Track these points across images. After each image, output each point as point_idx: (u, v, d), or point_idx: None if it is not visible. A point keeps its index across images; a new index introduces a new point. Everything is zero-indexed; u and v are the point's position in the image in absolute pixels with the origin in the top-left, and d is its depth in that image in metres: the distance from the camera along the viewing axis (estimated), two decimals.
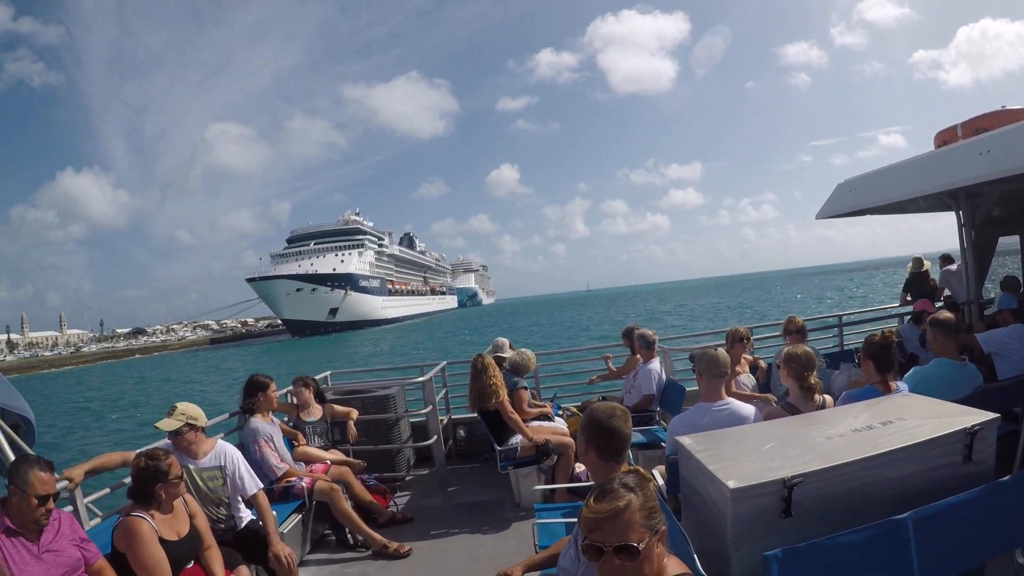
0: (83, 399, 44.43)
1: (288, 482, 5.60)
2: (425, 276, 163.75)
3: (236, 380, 47.13)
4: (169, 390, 44.15)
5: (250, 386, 5.89)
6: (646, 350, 6.98)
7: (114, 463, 4.23)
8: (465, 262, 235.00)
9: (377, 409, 7.37)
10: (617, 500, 2.02)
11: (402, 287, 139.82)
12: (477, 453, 8.20)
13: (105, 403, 39.77)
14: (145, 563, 3.48)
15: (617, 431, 2.88)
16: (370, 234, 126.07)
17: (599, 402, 3.15)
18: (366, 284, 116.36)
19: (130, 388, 49.62)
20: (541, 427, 6.39)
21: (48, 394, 51.85)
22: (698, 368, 4.25)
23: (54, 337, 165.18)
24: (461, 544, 5.66)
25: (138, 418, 29.41)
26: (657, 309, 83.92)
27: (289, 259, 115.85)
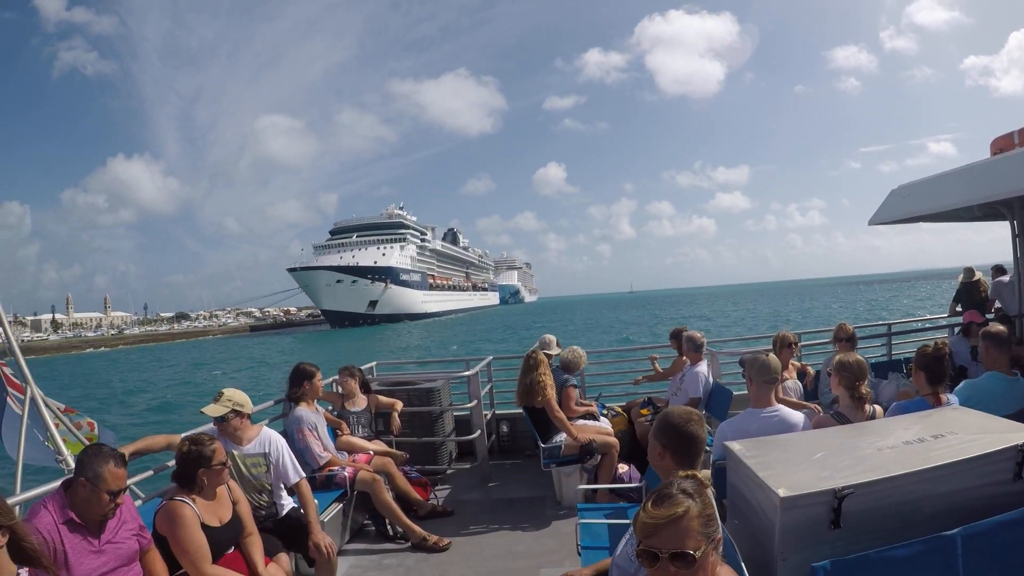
0: (110, 381, 45.64)
1: (330, 471, 5.67)
2: (467, 272, 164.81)
3: (263, 366, 48.39)
4: (197, 375, 45.42)
5: (296, 374, 5.95)
6: (694, 352, 6.95)
7: (159, 446, 4.31)
8: (508, 259, 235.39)
9: (422, 401, 7.43)
10: (676, 506, 1.99)
11: (443, 282, 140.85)
12: (520, 449, 8.24)
13: (127, 385, 40.78)
14: (186, 548, 3.53)
15: (695, 436, 2.88)
16: (412, 228, 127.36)
17: (675, 407, 3.14)
18: (406, 278, 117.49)
19: (153, 373, 50.90)
20: (586, 426, 6.40)
21: (82, 374, 53.45)
22: (748, 373, 4.21)
23: (98, 318, 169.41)
24: (501, 540, 5.67)
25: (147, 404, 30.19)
26: (701, 312, 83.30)
27: (331, 250, 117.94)
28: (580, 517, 4.45)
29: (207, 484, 3.73)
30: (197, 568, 3.54)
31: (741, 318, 62.58)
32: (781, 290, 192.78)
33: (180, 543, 3.54)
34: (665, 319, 68.42)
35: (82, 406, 5.89)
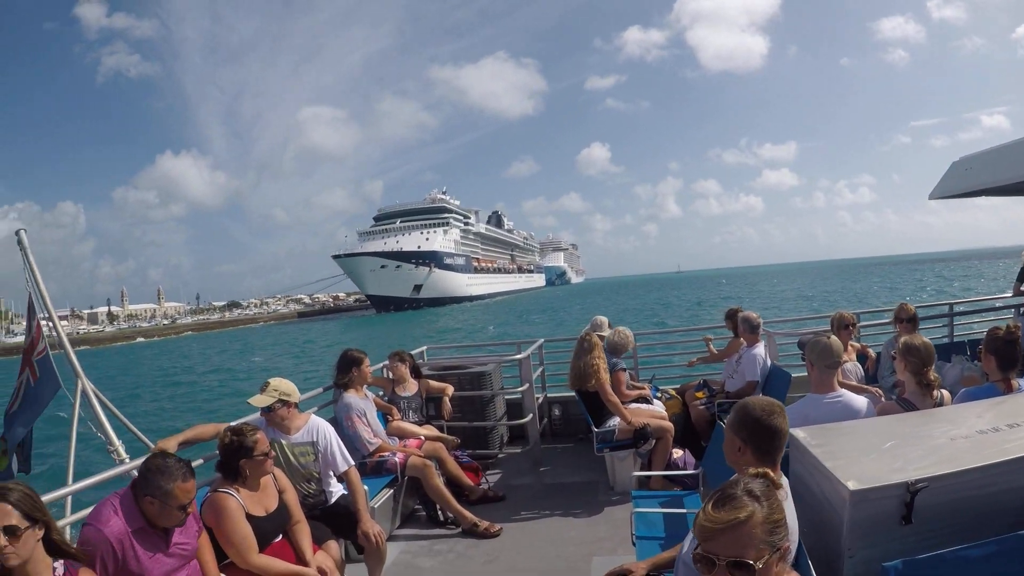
0: (160, 368, 47.05)
1: (381, 457, 5.71)
2: (512, 254, 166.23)
3: (305, 352, 49.30)
4: (237, 362, 46.48)
5: (344, 361, 5.99)
6: (750, 333, 6.81)
7: (208, 435, 4.36)
8: (555, 240, 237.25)
9: (473, 386, 7.42)
10: (738, 510, 1.82)
11: (488, 264, 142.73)
12: (571, 433, 8.20)
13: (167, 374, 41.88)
14: (232, 539, 3.58)
15: (778, 430, 2.71)
16: (456, 212, 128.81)
17: (751, 398, 2.96)
18: (450, 261, 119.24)
19: (195, 361, 52.28)
20: (640, 410, 6.34)
21: (126, 363, 55.11)
22: (809, 357, 4.07)
23: (152, 309, 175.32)
24: (552, 526, 5.66)
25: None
26: (750, 291, 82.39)
27: (375, 237, 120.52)
28: (635, 505, 4.38)
29: (249, 474, 3.75)
30: (243, 558, 3.59)
31: (791, 298, 61.53)
32: (831, 269, 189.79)
33: (225, 534, 3.59)
34: (715, 299, 67.64)
35: (120, 394, 5.96)
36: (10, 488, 2.53)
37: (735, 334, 7.34)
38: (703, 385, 7.30)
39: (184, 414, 23.39)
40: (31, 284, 5.29)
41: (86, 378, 5.15)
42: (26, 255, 5.28)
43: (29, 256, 5.28)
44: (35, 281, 5.28)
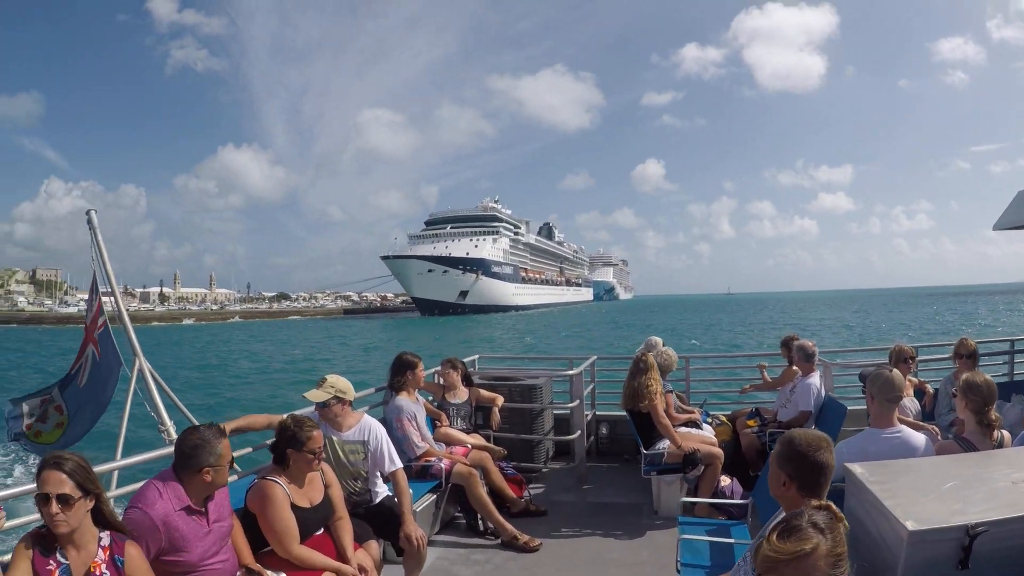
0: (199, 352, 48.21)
1: (427, 462, 5.75)
2: (561, 267, 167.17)
3: (343, 348, 50.12)
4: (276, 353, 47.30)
5: (398, 364, 6.06)
6: (805, 362, 6.70)
7: (259, 424, 4.41)
8: (604, 255, 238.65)
9: (523, 398, 7.42)
10: (803, 542, 1.86)
11: (536, 276, 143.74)
12: (618, 452, 8.14)
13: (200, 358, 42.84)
14: (275, 526, 3.64)
15: (824, 465, 2.65)
16: (506, 222, 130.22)
17: (796, 430, 2.89)
18: (498, 270, 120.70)
19: (236, 346, 53.98)
20: (690, 434, 6.30)
21: (174, 342, 57.15)
22: (870, 389, 4.01)
23: (203, 294, 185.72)
24: (593, 546, 5.62)
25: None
26: (795, 317, 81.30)
27: (425, 241, 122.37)
28: (681, 532, 4.33)
29: (293, 465, 3.80)
30: (284, 547, 3.64)
31: (831, 326, 60.19)
32: (886, 297, 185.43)
33: (269, 521, 3.65)
34: (764, 324, 66.59)
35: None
36: (66, 458, 2.66)
37: (790, 363, 7.25)
38: (755, 413, 7.22)
39: (212, 398, 24.11)
40: (97, 262, 5.46)
41: (143, 357, 5.31)
42: (95, 234, 5.45)
43: (98, 235, 5.46)
44: (102, 259, 5.46)
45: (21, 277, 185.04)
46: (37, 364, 40.36)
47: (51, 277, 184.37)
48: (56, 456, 2.68)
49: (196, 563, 3.20)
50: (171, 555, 3.12)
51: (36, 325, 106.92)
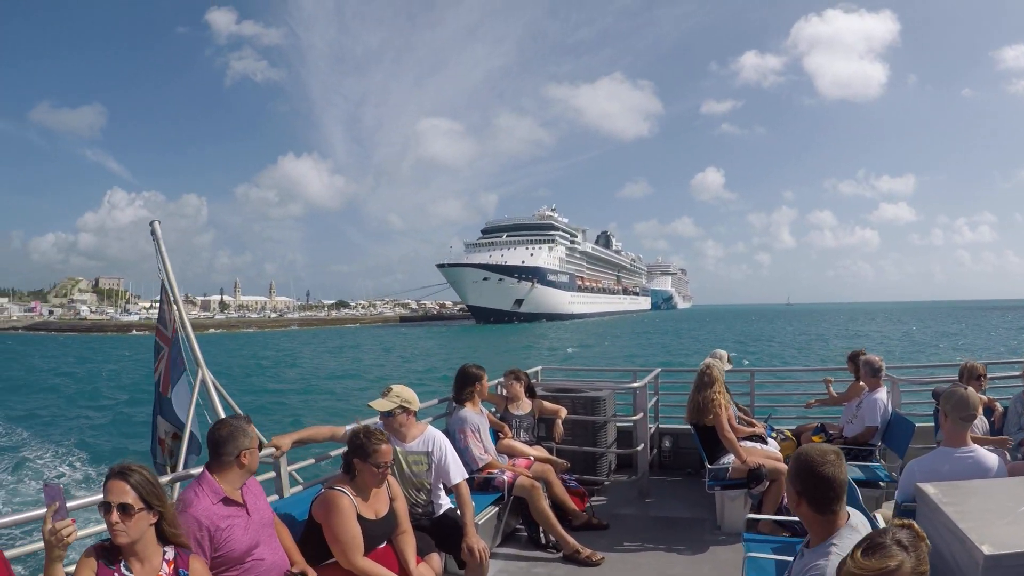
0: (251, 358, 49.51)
1: (489, 474, 5.79)
2: (619, 275, 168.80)
3: (389, 355, 50.76)
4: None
5: (464, 376, 6.13)
6: (872, 377, 6.61)
7: (322, 436, 4.55)
8: (663, 264, 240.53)
9: (586, 410, 7.41)
10: (888, 559, 1.87)
11: (592, 284, 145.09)
12: (681, 466, 8.11)
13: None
14: (340, 536, 3.66)
15: (832, 480, 2.59)
16: (562, 230, 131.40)
17: (805, 445, 2.87)
18: (553, 278, 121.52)
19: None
20: (755, 449, 6.23)
21: (231, 350, 58.52)
22: (943, 407, 3.98)
23: (262, 301, 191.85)
24: (655, 561, 5.60)
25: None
26: (848, 329, 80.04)
27: (481, 249, 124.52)
28: (747, 549, 4.29)
29: (359, 475, 3.85)
30: (348, 558, 3.66)
31: (893, 338, 58.66)
32: (947, 310, 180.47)
33: (334, 531, 3.68)
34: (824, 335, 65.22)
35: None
36: (133, 469, 2.74)
37: (856, 377, 7.15)
38: (820, 428, 7.14)
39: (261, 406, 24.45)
40: (162, 272, 5.60)
41: (206, 368, 5.45)
42: (158, 245, 5.58)
43: (161, 246, 5.58)
44: (165, 270, 5.59)
45: (84, 286, 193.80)
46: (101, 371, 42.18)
47: (113, 286, 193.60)
48: (124, 466, 2.76)
49: (243, 554, 3.28)
50: (220, 550, 3.21)
51: (97, 333, 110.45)
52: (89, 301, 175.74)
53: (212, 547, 3.18)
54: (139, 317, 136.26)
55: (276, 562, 3.43)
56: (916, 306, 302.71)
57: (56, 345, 75.98)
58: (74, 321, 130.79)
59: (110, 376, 39.02)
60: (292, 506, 4.16)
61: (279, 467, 4.38)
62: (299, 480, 4.77)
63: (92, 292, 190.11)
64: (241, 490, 3.42)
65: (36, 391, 32.70)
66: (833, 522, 2.60)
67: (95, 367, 45.53)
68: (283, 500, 4.31)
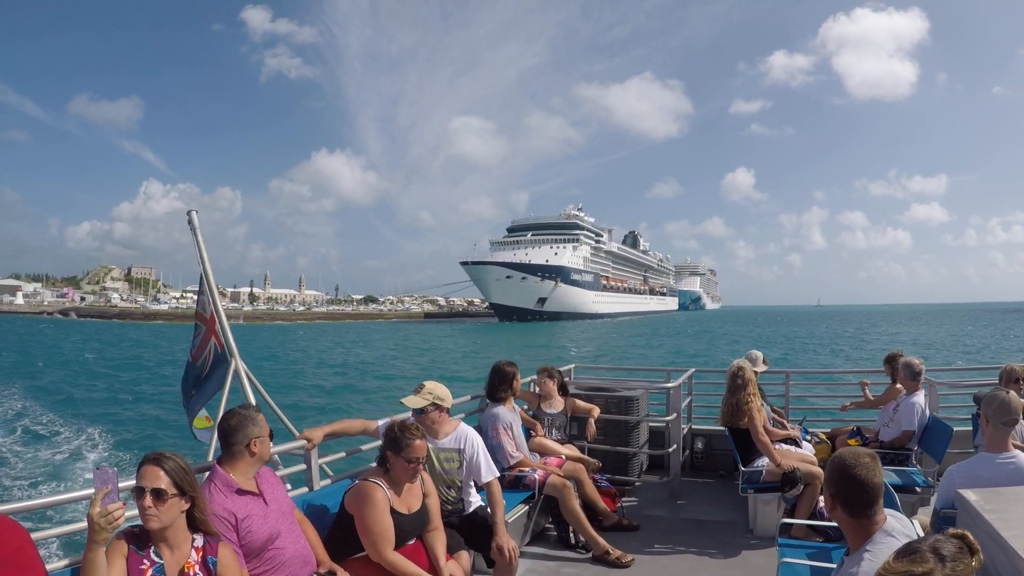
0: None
1: (520, 472, 5.81)
2: (645, 275, 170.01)
3: (401, 350, 51.33)
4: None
5: (497, 373, 6.14)
6: (910, 380, 6.52)
7: (354, 430, 4.59)
8: (691, 265, 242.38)
9: (619, 410, 7.42)
10: (915, 564, 1.81)
11: (618, 284, 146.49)
12: (713, 468, 8.11)
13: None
14: (372, 528, 3.69)
15: (865, 483, 2.57)
16: (587, 230, 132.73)
17: (844, 448, 2.86)
18: (577, 278, 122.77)
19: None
20: (790, 452, 6.18)
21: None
22: (985, 412, 3.92)
23: (292, 295, 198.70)
24: (685, 563, 5.58)
25: None
26: (870, 332, 79.86)
27: (506, 247, 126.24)
28: (781, 555, 4.25)
29: (390, 468, 3.88)
30: (378, 551, 3.69)
31: (904, 342, 57.99)
32: (981, 312, 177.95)
33: (366, 523, 3.71)
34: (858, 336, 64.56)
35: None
36: (168, 456, 2.81)
37: (893, 380, 7.10)
38: (856, 432, 7.06)
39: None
40: (200, 260, 5.71)
41: (240, 359, 5.51)
42: (196, 234, 5.69)
43: (198, 235, 5.69)
44: (202, 259, 5.70)
45: (116, 275, 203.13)
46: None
47: (145, 275, 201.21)
48: (159, 453, 2.82)
49: (264, 544, 3.31)
50: (241, 540, 3.25)
51: (124, 320, 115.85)
52: (121, 289, 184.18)
53: (239, 538, 3.23)
54: (168, 306, 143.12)
55: (298, 551, 3.46)
56: (948, 308, 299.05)
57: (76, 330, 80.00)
58: (103, 308, 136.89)
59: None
60: (322, 498, 4.22)
61: (310, 459, 4.43)
62: (329, 473, 4.81)
63: (124, 280, 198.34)
64: (256, 480, 3.47)
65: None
66: (868, 527, 2.59)
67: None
68: (313, 492, 4.36)
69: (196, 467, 3.78)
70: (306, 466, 4.46)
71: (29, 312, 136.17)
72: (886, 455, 6.15)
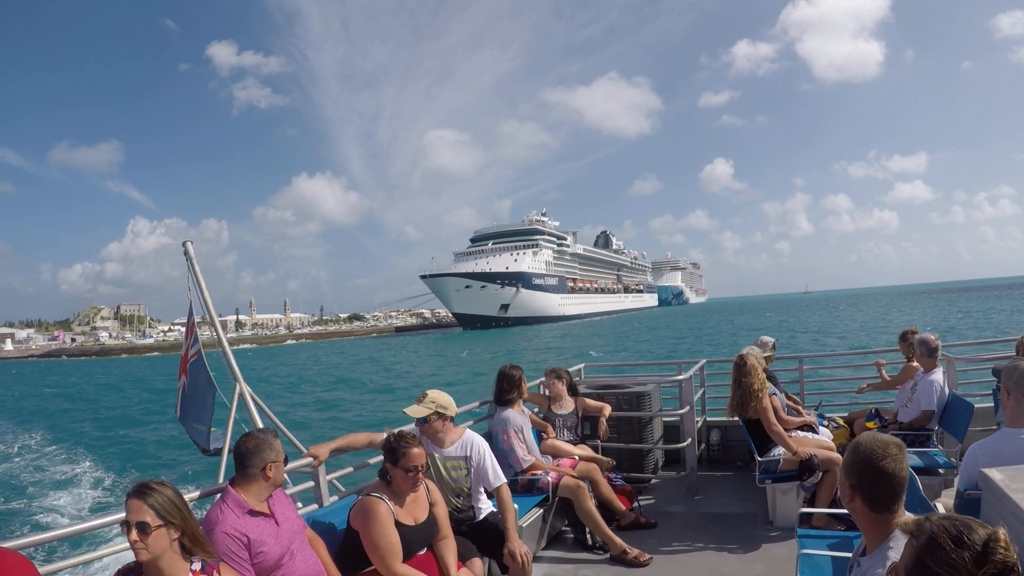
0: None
1: (533, 475, 5.85)
2: (619, 274, 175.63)
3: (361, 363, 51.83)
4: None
5: (504, 377, 6.20)
6: (927, 358, 6.58)
7: (360, 443, 4.58)
8: (672, 260, 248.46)
9: (631, 406, 7.49)
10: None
11: (588, 285, 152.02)
12: (730, 460, 8.17)
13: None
14: (377, 543, 3.74)
15: (893, 476, 2.45)
16: (548, 234, 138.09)
17: (865, 434, 2.66)
18: (540, 282, 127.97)
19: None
20: (806, 439, 6.18)
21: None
22: (1006, 385, 3.76)
23: (278, 319, 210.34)
24: (705, 560, 5.60)
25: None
26: (837, 316, 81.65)
27: (468, 258, 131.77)
28: (801, 546, 4.23)
29: (391, 480, 3.94)
30: (386, 565, 3.74)
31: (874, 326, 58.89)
32: (974, 289, 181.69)
33: (372, 539, 3.76)
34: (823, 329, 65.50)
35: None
36: (152, 487, 2.83)
37: (908, 358, 7.14)
38: (874, 415, 7.08)
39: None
40: (194, 291, 5.84)
41: (243, 382, 5.53)
42: (191, 264, 5.84)
43: (194, 265, 5.84)
44: (200, 289, 5.86)
45: (106, 313, 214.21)
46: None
47: (134, 312, 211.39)
48: (143, 484, 2.84)
49: (275, 564, 3.37)
50: (252, 560, 3.30)
51: (107, 356, 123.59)
52: (110, 327, 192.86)
53: (249, 557, 3.28)
54: (155, 339, 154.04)
55: (310, 569, 3.52)
56: (940, 287, 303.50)
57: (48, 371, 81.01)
58: (88, 347, 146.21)
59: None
60: (332, 515, 4.27)
61: (318, 476, 4.47)
62: (339, 488, 4.86)
63: (114, 319, 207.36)
64: (267, 501, 3.51)
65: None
66: (889, 522, 2.47)
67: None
68: (323, 509, 4.41)
69: (207, 489, 3.78)
70: (314, 483, 4.51)
71: (18, 357, 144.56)
72: (906, 436, 6.14)
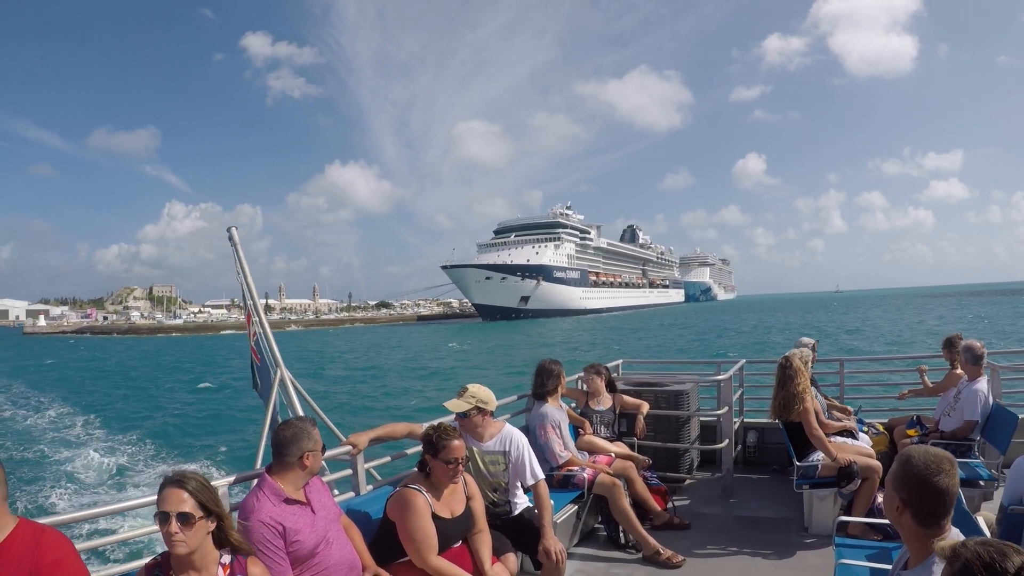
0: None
1: (569, 471, 5.88)
2: (644, 269, 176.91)
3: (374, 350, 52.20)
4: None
5: (544, 372, 6.22)
6: (972, 365, 6.48)
7: (399, 433, 4.64)
8: (700, 256, 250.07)
9: (669, 405, 7.46)
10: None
11: (612, 279, 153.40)
12: (766, 463, 8.13)
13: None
14: (414, 535, 3.78)
15: (945, 492, 2.44)
16: (571, 227, 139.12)
17: (916, 447, 2.63)
18: (561, 275, 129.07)
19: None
20: (846, 445, 6.14)
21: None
22: None
23: (307, 304, 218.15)
24: (738, 564, 5.60)
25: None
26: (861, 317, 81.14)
27: (491, 250, 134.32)
28: (839, 556, 4.19)
29: (430, 472, 3.98)
30: (421, 557, 3.78)
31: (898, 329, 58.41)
32: (1009, 292, 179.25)
33: (408, 531, 3.80)
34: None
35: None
36: (189, 477, 2.83)
37: (952, 365, 7.05)
38: (916, 422, 6.99)
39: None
40: (241, 276, 5.91)
41: (285, 367, 5.56)
42: (236, 250, 5.91)
43: (239, 250, 5.91)
44: (244, 274, 5.90)
45: (139, 294, 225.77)
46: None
47: (166, 293, 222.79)
48: (179, 474, 2.84)
49: (312, 551, 3.41)
50: (288, 548, 3.33)
51: (133, 336, 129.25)
52: (142, 307, 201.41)
53: (284, 546, 3.31)
54: (183, 320, 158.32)
55: (345, 557, 3.56)
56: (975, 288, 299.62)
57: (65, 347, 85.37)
58: (117, 324, 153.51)
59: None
60: (368, 504, 4.33)
61: (356, 464, 4.52)
62: (377, 477, 4.91)
63: (146, 299, 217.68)
64: (304, 489, 3.54)
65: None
66: (939, 535, 2.46)
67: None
68: (359, 498, 4.47)
69: (244, 475, 3.83)
70: (352, 471, 4.55)
71: (51, 332, 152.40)
72: (947, 446, 5.96)
